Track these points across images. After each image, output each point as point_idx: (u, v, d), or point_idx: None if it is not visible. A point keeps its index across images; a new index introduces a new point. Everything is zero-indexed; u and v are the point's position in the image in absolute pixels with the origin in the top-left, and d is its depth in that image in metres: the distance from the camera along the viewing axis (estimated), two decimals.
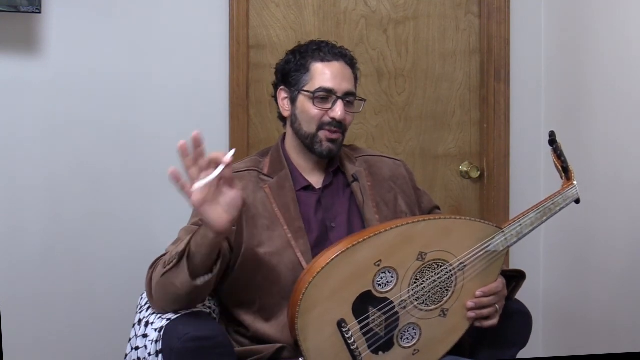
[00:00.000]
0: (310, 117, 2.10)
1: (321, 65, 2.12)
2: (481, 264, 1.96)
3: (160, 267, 1.97)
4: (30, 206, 2.71)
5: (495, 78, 3.07)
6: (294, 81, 2.15)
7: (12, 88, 2.67)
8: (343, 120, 2.10)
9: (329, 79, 2.10)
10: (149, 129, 2.81)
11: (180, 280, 1.90)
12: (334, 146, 2.12)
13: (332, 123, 2.09)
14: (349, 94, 2.12)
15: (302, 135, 2.13)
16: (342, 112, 2.09)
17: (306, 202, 2.14)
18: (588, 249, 2.85)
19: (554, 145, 2.07)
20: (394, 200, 2.20)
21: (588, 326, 2.83)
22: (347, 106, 2.11)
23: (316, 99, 2.09)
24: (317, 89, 2.09)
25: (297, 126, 2.14)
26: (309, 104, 2.10)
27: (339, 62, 2.13)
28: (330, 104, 2.10)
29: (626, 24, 2.62)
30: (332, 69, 2.11)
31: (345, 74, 2.13)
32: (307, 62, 2.13)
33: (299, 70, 2.14)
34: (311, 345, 1.86)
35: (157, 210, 2.81)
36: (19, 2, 2.54)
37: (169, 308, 1.99)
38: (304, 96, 2.12)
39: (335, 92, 2.10)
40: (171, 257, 1.93)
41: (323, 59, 2.12)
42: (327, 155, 2.13)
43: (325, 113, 2.10)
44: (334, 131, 2.10)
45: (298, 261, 2.03)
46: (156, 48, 2.81)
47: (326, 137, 2.10)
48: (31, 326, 2.70)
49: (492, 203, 3.09)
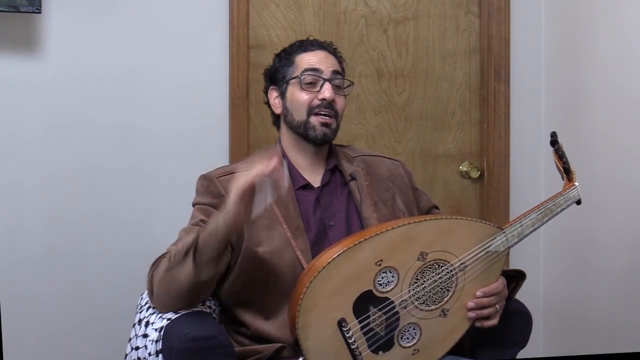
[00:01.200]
0: (300, 103, 2.12)
1: (305, 54, 2.17)
2: (482, 264, 1.96)
3: (164, 263, 1.97)
4: (30, 206, 2.71)
5: (495, 78, 3.07)
6: (280, 76, 2.19)
7: (12, 88, 2.68)
8: (333, 101, 2.11)
9: (314, 62, 2.14)
10: (148, 128, 2.81)
11: (185, 274, 1.91)
12: (328, 130, 2.13)
13: (321, 105, 2.11)
14: (336, 72, 2.15)
15: (295, 126, 2.15)
16: (330, 93, 2.11)
17: (305, 200, 2.14)
18: (588, 249, 2.85)
19: (555, 146, 2.07)
20: (392, 200, 2.21)
21: (588, 326, 2.83)
22: (335, 90, 2.14)
23: (304, 83, 2.12)
24: (303, 70, 2.13)
25: (290, 118, 2.16)
26: (298, 90, 2.13)
27: (322, 50, 2.18)
28: (318, 87, 2.12)
29: (626, 24, 2.62)
30: (315, 55, 2.17)
31: (329, 59, 2.17)
32: (292, 56, 2.18)
33: (285, 65, 2.18)
34: (311, 345, 1.86)
35: (157, 210, 2.82)
36: (19, 2, 2.54)
37: (170, 305, 1.99)
38: (292, 85, 2.15)
39: (321, 71, 2.13)
40: (177, 252, 1.94)
41: (306, 49, 2.18)
42: (322, 141, 2.14)
43: (315, 96, 2.12)
44: (326, 114, 2.11)
45: (297, 260, 2.03)
46: (156, 48, 2.81)
47: (319, 122, 2.11)
48: (31, 326, 2.70)
49: (492, 203, 3.09)
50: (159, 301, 2.01)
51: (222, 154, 2.86)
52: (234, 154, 2.85)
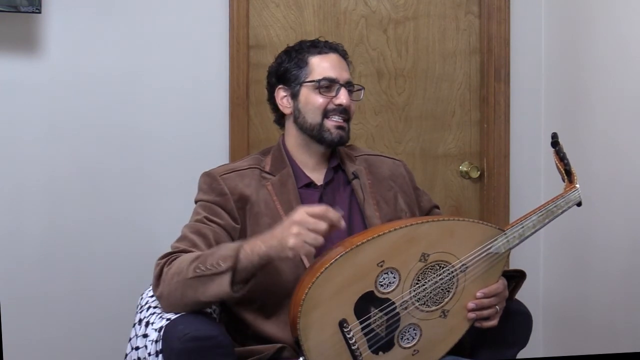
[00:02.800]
0: (316, 107, 2.14)
1: (319, 58, 2.18)
2: (483, 265, 1.96)
3: (188, 267, 1.94)
4: (30, 206, 2.71)
5: (495, 78, 3.08)
6: (293, 77, 2.19)
7: (12, 88, 2.67)
8: (348, 107, 2.15)
9: (330, 69, 2.16)
10: (148, 128, 2.81)
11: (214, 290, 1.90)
12: (344, 133, 2.16)
13: (337, 109, 2.14)
14: (349, 83, 2.19)
15: (307, 128, 2.16)
16: (347, 99, 2.15)
17: (308, 199, 2.14)
18: (588, 249, 2.85)
19: (556, 147, 2.06)
20: (394, 199, 2.21)
21: (588, 326, 2.84)
22: (349, 95, 2.17)
23: (322, 87, 2.14)
24: (321, 78, 2.15)
25: (301, 120, 2.17)
26: (314, 93, 2.15)
27: (334, 54, 2.20)
28: (334, 92, 2.15)
29: (625, 24, 2.62)
30: (330, 60, 2.18)
31: (342, 64, 2.20)
32: (304, 57, 2.19)
33: (298, 66, 2.18)
34: (312, 345, 1.85)
35: (158, 209, 2.82)
36: (19, 2, 2.54)
37: (180, 308, 1.97)
38: (307, 88, 2.16)
39: (337, 80, 2.16)
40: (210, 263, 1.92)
41: (320, 51, 2.19)
42: (337, 142, 2.16)
43: (330, 101, 2.14)
44: (341, 118, 2.15)
45: (300, 259, 2.03)
46: (156, 48, 2.81)
47: (334, 125, 2.14)
48: (31, 326, 2.70)
49: (492, 203, 3.09)
50: (168, 301, 1.99)
51: (222, 154, 2.86)
52: (234, 154, 2.85)
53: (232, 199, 2.10)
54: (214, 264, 1.91)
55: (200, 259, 1.95)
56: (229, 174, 2.14)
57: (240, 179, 2.14)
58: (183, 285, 1.94)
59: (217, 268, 1.90)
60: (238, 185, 2.12)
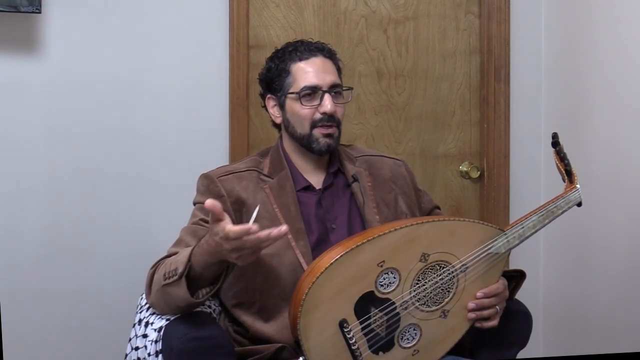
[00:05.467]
0: (302, 118, 2.11)
1: (301, 64, 2.13)
2: (483, 265, 1.96)
3: (160, 275, 1.95)
4: (30, 206, 2.70)
5: (495, 78, 3.08)
6: (278, 87, 2.16)
7: (12, 88, 2.67)
8: (334, 113, 2.10)
9: (312, 76, 2.11)
10: (148, 128, 2.81)
11: (180, 297, 1.90)
12: (332, 140, 2.12)
13: (323, 118, 2.10)
14: (334, 85, 2.13)
15: (297, 138, 2.14)
16: (331, 105, 2.09)
17: (306, 202, 2.14)
18: (588, 249, 2.85)
19: (556, 147, 2.06)
20: (395, 201, 2.20)
21: (588, 326, 2.84)
22: (335, 98, 2.12)
23: (303, 97, 2.10)
24: (301, 88, 2.10)
25: (291, 129, 2.15)
26: (297, 105, 2.11)
27: (317, 57, 2.14)
28: (318, 100, 2.10)
29: (625, 25, 2.62)
30: (313, 65, 2.12)
31: (327, 67, 2.14)
32: (286, 65, 2.15)
33: (281, 75, 2.15)
34: (312, 345, 1.85)
35: (157, 210, 2.81)
36: (19, 2, 2.54)
37: (169, 313, 1.99)
38: (290, 99, 2.13)
39: (320, 87, 2.10)
40: (171, 270, 1.92)
41: (301, 57, 2.13)
42: (326, 151, 2.13)
43: (316, 110, 2.10)
44: (328, 126, 2.10)
45: (298, 262, 2.03)
46: (156, 48, 2.81)
47: (322, 133, 2.10)
48: (31, 326, 2.70)
49: (492, 203, 3.09)
50: (157, 308, 2.01)
51: (222, 154, 2.86)
52: (234, 154, 2.85)
53: (228, 200, 2.09)
54: (173, 271, 1.91)
55: (167, 265, 1.95)
56: (227, 176, 2.13)
57: (238, 182, 2.13)
58: (162, 293, 1.95)
59: (174, 275, 1.90)
60: (235, 187, 2.11)
